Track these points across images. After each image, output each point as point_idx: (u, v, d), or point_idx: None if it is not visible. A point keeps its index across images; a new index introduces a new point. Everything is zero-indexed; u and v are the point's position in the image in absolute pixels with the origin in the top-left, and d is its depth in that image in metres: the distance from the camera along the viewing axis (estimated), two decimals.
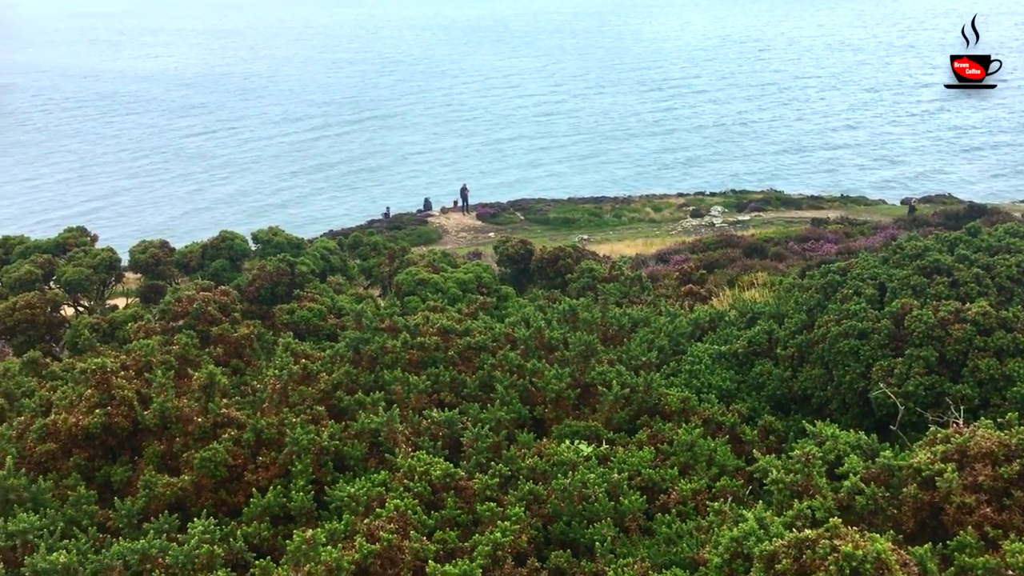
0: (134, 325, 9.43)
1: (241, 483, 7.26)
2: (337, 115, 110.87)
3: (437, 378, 8.54)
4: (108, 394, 7.82)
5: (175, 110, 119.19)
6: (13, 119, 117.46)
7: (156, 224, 63.66)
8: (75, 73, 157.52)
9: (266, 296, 11.37)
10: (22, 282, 11.50)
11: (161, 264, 12.55)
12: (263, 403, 8.00)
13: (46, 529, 6.59)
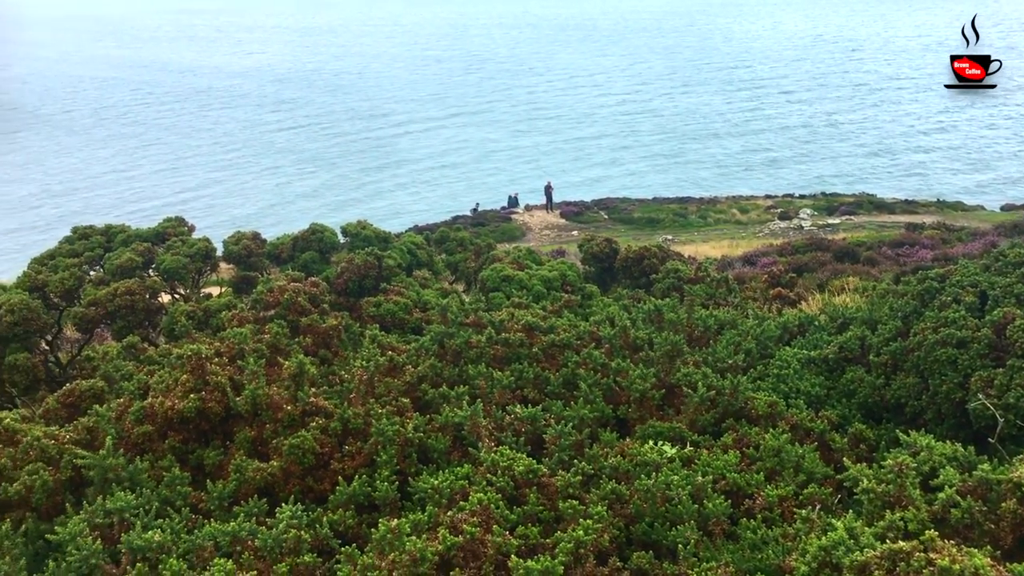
0: (228, 314, 9.70)
1: (327, 471, 7.40)
2: (422, 111, 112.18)
3: (521, 374, 8.56)
4: (203, 380, 8.05)
5: (266, 105, 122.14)
6: (115, 111, 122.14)
7: (243, 215, 65.26)
8: (174, 68, 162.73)
9: (353, 288, 11.55)
10: (123, 269, 11.93)
11: (253, 255, 12.86)
12: (350, 393, 8.13)
13: (142, 508, 6.83)
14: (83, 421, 8.12)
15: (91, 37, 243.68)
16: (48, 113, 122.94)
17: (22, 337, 11.00)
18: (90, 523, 6.63)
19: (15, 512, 7.14)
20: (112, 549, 6.40)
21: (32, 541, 6.88)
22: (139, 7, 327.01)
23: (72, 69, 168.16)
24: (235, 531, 6.27)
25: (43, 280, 11.82)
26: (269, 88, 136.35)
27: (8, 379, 10.73)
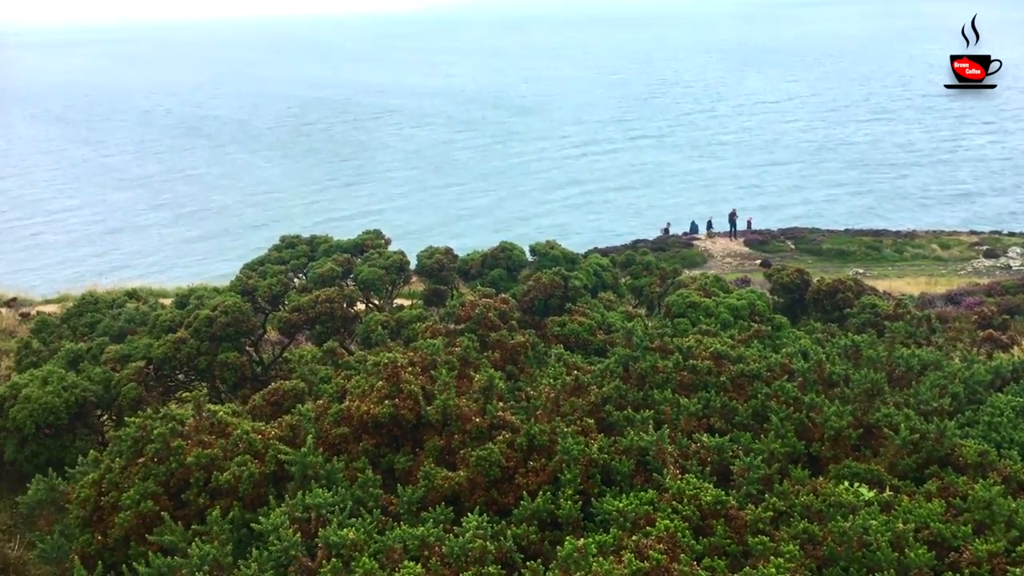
0: (421, 325, 10.04)
1: (512, 485, 7.51)
2: (602, 134, 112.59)
3: (708, 402, 8.40)
4: (397, 387, 8.37)
5: (453, 124, 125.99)
6: (315, 127, 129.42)
7: (420, 227, 67.20)
8: (371, 88, 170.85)
9: (539, 307, 11.69)
10: (324, 278, 12.59)
11: (444, 269, 13.27)
12: (536, 410, 8.22)
13: (337, 506, 7.16)
14: (287, 419, 8.62)
15: (298, 58, 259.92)
16: (253, 128, 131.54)
17: (233, 337, 11.79)
18: (290, 516, 7.02)
19: (224, 500, 7.65)
20: (309, 543, 6.74)
21: (237, 528, 7.34)
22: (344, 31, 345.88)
23: (278, 88, 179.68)
24: (424, 536, 6.47)
25: (253, 285, 12.64)
26: (457, 108, 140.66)
27: (219, 375, 11.51)
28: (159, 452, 8.02)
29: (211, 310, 11.85)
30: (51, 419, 10.96)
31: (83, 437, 11.26)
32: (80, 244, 73.36)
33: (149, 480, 7.82)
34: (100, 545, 7.67)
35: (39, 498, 8.80)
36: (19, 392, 11.19)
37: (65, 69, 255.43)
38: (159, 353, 11.71)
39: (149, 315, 12.98)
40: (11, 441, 11.00)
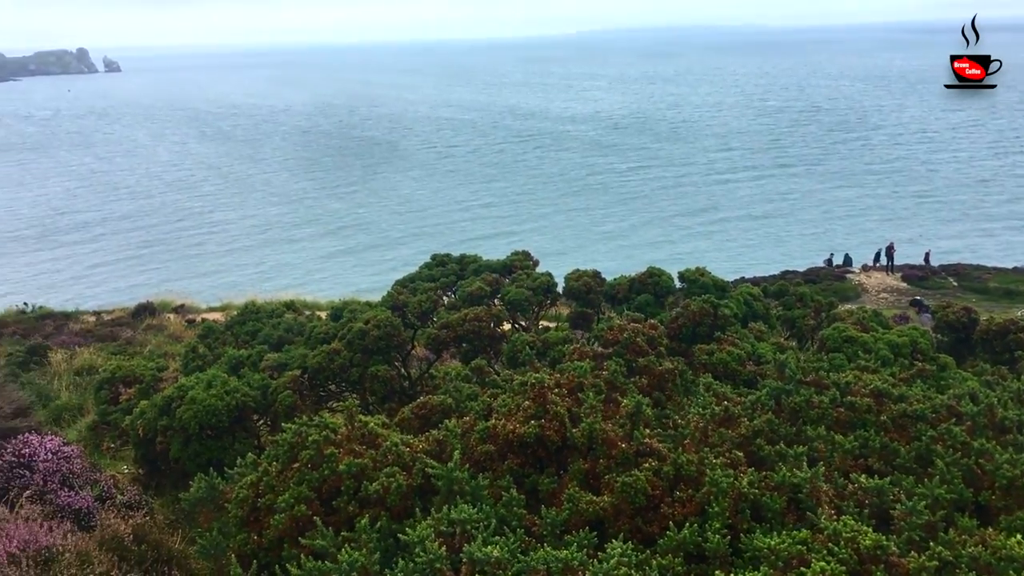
0: (569, 347, 10.04)
1: (657, 514, 7.38)
2: (748, 160, 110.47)
3: (866, 442, 8.03)
4: (543, 408, 8.38)
5: (596, 148, 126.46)
6: (463, 149, 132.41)
7: (556, 249, 67.26)
8: (520, 113, 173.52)
9: (687, 335, 11.50)
10: (473, 297, 12.78)
11: (591, 292, 13.25)
12: (684, 439, 8.07)
13: (482, 523, 7.21)
14: (434, 434, 8.76)
15: (448, 82, 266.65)
16: (405, 148, 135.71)
17: (383, 351, 12.11)
18: (436, 529, 7.11)
19: (373, 509, 7.83)
20: (454, 557, 6.81)
21: (385, 538, 7.49)
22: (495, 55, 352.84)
23: (431, 111, 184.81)
24: (567, 559, 6.42)
25: (404, 301, 12.96)
26: (601, 133, 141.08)
27: (369, 387, 11.84)
28: (313, 459, 8.29)
29: (364, 323, 12.21)
30: (213, 421, 11.54)
31: (241, 440, 11.79)
32: (236, 254, 77.30)
33: (303, 485, 8.09)
34: (256, 545, 7.98)
35: (200, 496, 9.26)
36: (185, 393, 11.83)
37: (233, 90, 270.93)
38: (314, 363, 12.15)
39: (305, 326, 13.52)
40: (176, 440, 11.63)
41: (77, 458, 10.87)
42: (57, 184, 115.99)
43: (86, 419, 16.80)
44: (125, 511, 9.23)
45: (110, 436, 14.95)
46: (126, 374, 15.20)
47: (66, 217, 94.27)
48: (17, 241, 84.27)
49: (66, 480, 10.31)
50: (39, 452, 10.46)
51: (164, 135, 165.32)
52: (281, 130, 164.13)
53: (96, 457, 13.69)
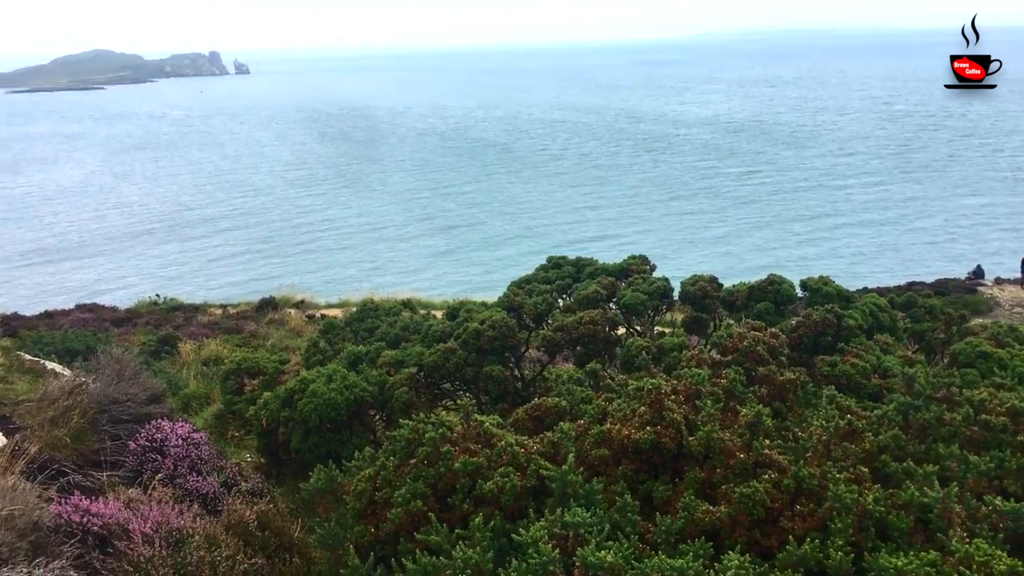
0: (686, 353, 9.91)
1: (776, 527, 7.21)
2: (868, 166, 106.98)
3: (1001, 463, 7.65)
4: (659, 414, 8.30)
5: (708, 152, 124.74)
6: (576, 151, 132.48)
7: (660, 253, 66.59)
8: (636, 115, 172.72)
9: (808, 345, 11.19)
10: (589, 299, 12.76)
11: (708, 298, 13.04)
12: (806, 452, 7.86)
13: (595, 527, 7.20)
14: (548, 436, 8.78)
15: (564, 85, 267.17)
16: (518, 150, 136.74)
17: (498, 351, 12.21)
18: (549, 531, 7.14)
19: (487, 508, 7.91)
20: (567, 560, 6.81)
21: (498, 537, 7.56)
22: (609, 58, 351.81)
23: (544, 114, 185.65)
24: (683, 568, 6.34)
25: (519, 302, 13.04)
26: (715, 136, 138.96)
27: (484, 387, 11.95)
28: (429, 455, 8.42)
29: (479, 324, 12.34)
30: (333, 414, 11.85)
31: (359, 433, 12.08)
32: (350, 250, 79.46)
33: (419, 481, 8.23)
34: (373, 537, 8.17)
35: (319, 487, 9.53)
36: (307, 387, 12.20)
37: (354, 92, 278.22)
38: (430, 361, 12.34)
39: (422, 325, 13.76)
40: (297, 431, 12.00)
41: (205, 445, 11.31)
42: (187, 181, 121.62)
43: (212, 408, 17.54)
44: (249, 498, 9.57)
45: (234, 425, 15.56)
46: (251, 366, 15.81)
47: (193, 212, 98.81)
48: (149, 234, 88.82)
49: (194, 466, 10.76)
50: (170, 438, 10.94)
51: (287, 135, 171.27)
52: (398, 131, 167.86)
53: (221, 444, 14.24)
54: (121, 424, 11.37)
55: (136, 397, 11.71)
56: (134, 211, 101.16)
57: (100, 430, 11.22)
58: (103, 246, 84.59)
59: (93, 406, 11.26)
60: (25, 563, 6.73)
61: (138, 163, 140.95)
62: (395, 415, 12.03)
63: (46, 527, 7.53)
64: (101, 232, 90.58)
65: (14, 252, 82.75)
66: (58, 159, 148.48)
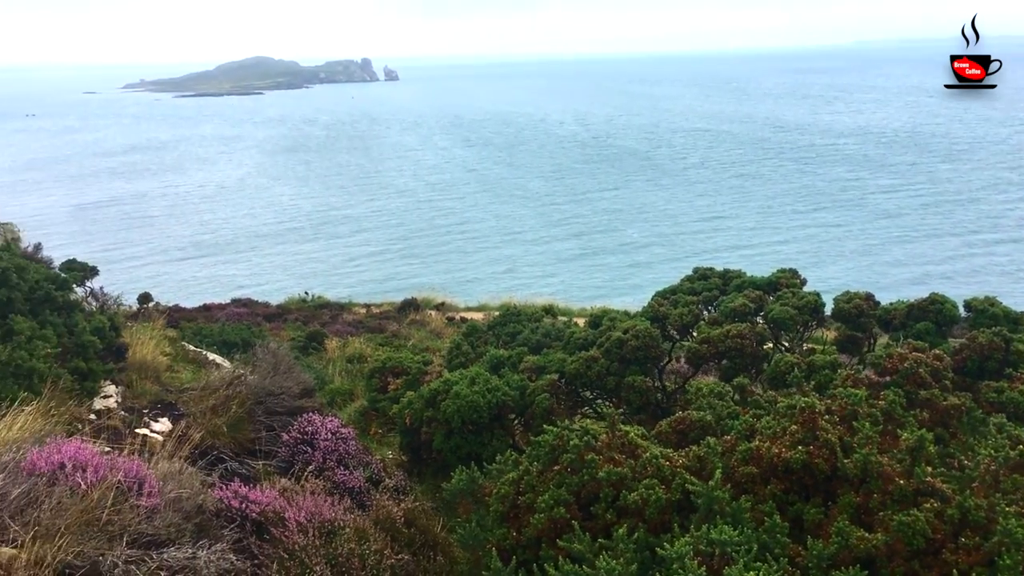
0: (842, 372, 9.57)
1: (937, 559, 6.85)
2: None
3: None
4: (812, 434, 8.02)
5: (865, 165, 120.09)
6: (718, 162, 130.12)
7: (798, 265, 64.49)
8: (782, 125, 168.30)
9: (972, 369, 10.60)
10: (736, 313, 12.50)
11: (863, 316, 12.54)
12: (972, 482, 7.44)
13: (743, 546, 7.02)
14: (694, 450, 8.62)
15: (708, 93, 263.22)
16: (658, 158, 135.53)
17: (641, 361, 12.10)
18: (695, 548, 7.00)
19: (630, 519, 7.83)
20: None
21: (641, 550, 7.47)
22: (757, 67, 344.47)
23: (687, 122, 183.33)
24: None
25: (664, 313, 12.89)
26: (873, 149, 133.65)
27: (625, 396, 11.87)
28: (573, 463, 8.42)
29: (623, 333, 12.26)
30: (474, 416, 12.02)
31: (499, 437, 12.20)
32: (487, 252, 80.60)
33: (562, 488, 8.24)
34: (515, 541, 8.22)
35: (460, 487, 9.68)
36: (450, 388, 12.41)
37: (498, 99, 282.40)
38: (571, 369, 12.35)
39: (564, 331, 13.80)
40: (440, 432, 12.23)
41: (352, 440, 11.65)
42: (333, 182, 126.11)
43: (355, 404, 18.11)
44: (395, 495, 9.81)
45: (377, 422, 16.00)
46: (395, 365, 16.22)
47: (338, 212, 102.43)
48: (295, 232, 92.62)
49: (342, 460, 11.10)
50: (320, 431, 11.32)
51: (431, 140, 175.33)
52: (539, 138, 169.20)
53: (364, 440, 14.66)
54: (275, 416, 11.86)
55: (290, 391, 12.20)
56: (284, 210, 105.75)
57: (255, 420, 11.74)
58: (253, 242, 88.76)
59: (250, 397, 11.80)
60: (190, 544, 7.07)
61: (290, 164, 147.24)
62: (535, 420, 12.10)
63: (209, 511, 7.90)
64: (252, 229, 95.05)
65: (172, 246, 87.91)
66: (218, 160, 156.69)
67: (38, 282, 11.18)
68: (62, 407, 9.87)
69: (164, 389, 12.44)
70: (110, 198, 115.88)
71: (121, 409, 11.32)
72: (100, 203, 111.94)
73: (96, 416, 10.76)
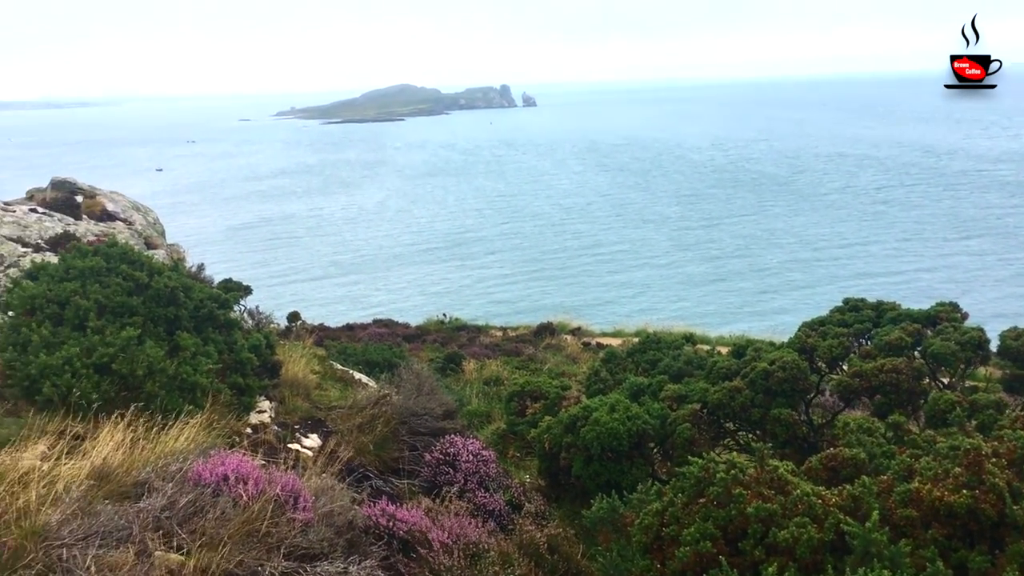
0: (1009, 413, 9.04)
1: None
2: None
3: None
4: (978, 477, 7.60)
5: (1017, 191, 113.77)
6: (859, 188, 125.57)
7: (934, 293, 61.18)
8: (934, 150, 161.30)
9: None
10: (891, 346, 12.00)
11: None
12: None
13: None
14: (848, 489, 8.30)
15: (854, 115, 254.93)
16: (799, 184, 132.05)
17: (788, 394, 11.76)
18: None
19: (780, 558, 7.59)
20: None
21: None
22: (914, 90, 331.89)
23: (832, 147, 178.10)
24: None
25: (812, 344, 12.51)
26: None
27: (770, 430, 11.56)
28: (720, 496, 8.24)
29: (768, 364, 11.96)
30: (614, 444, 11.94)
31: (639, 465, 12.08)
32: (618, 275, 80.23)
33: (709, 521, 8.07)
34: (658, 573, 8.11)
35: (600, 516, 9.62)
36: (590, 414, 12.39)
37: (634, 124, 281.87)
38: (714, 398, 12.12)
39: (706, 360, 13.56)
40: (579, 458, 12.20)
41: (492, 462, 11.76)
42: (469, 205, 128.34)
43: (492, 426, 18.27)
44: (536, 519, 9.84)
45: (515, 445, 16.10)
46: (533, 389, 16.30)
47: (472, 234, 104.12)
48: (429, 252, 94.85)
49: (483, 482, 11.22)
50: (462, 453, 11.48)
51: (566, 164, 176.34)
52: (675, 163, 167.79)
53: (502, 463, 14.78)
54: (418, 436, 12.11)
55: (433, 411, 12.43)
56: (420, 231, 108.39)
57: (399, 440, 12.01)
58: (389, 263, 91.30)
59: (395, 417, 12.09)
60: (341, 559, 7.28)
61: (428, 188, 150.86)
62: (676, 450, 11.93)
63: (358, 527, 8.12)
64: (389, 250, 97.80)
65: (313, 265, 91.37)
66: (361, 183, 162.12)
67: (202, 301, 11.79)
68: (222, 421, 10.34)
69: (314, 406, 12.88)
70: (259, 219, 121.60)
71: (274, 424, 11.79)
72: (250, 224, 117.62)
73: (252, 430, 11.25)
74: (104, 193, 18.08)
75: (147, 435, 8.46)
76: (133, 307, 10.49)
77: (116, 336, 9.64)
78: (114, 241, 12.55)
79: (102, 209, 17.11)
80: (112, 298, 10.43)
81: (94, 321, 9.96)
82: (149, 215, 18.36)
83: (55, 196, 17.06)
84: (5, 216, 14.78)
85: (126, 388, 9.61)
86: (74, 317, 10.05)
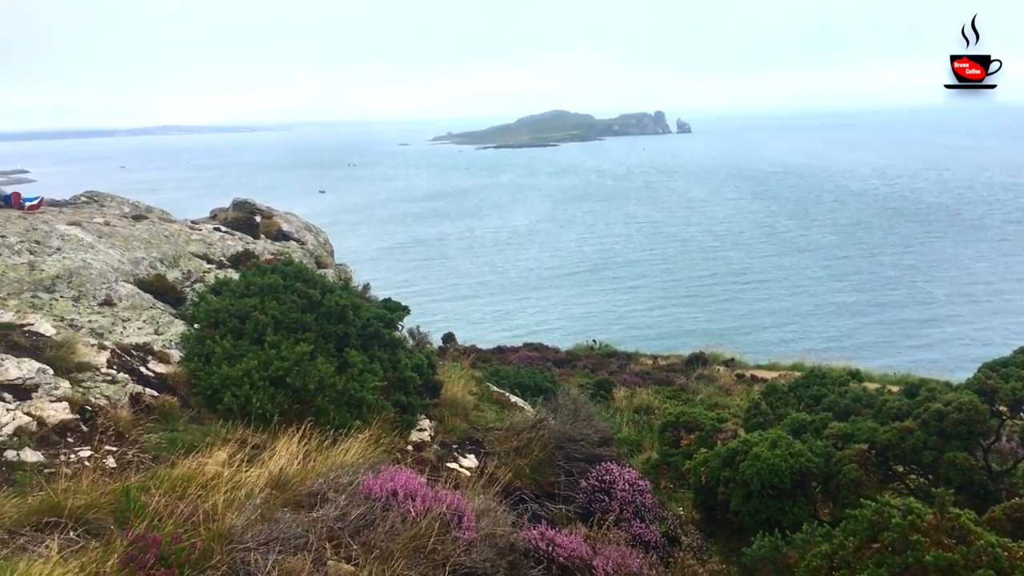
0: None
1: None
2: None
3: None
4: None
5: None
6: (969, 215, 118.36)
7: None
8: None
9: None
10: None
11: None
12: None
13: None
14: None
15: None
16: (970, 216, 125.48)
17: (964, 437, 11.13)
18: None
19: None
20: None
21: None
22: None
23: (1009, 177, 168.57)
24: None
25: (992, 386, 11.79)
26: None
27: (944, 475, 10.97)
28: (895, 542, 7.87)
29: (943, 405, 11.35)
30: (775, 480, 11.59)
31: (800, 504, 11.67)
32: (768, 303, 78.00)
33: (883, 568, 7.72)
34: None
35: (762, 554, 9.36)
36: (749, 449, 12.07)
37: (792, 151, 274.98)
38: (883, 439, 11.60)
39: (875, 399, 12.98)
40: (737, 493, 11.90)
41: (648, 493, 11.64)
42: (618, 230, 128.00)
43: (643, 455, 18.06)
44: (696, 554, 9.66)
45: (668, 476, 15.86)
46: (688, 420, 16.04)
47: (619, 259, 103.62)
48: (574, 275, 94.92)
49: (638, 512, 11.10)
50: (618, 481, 11.40)
51: (721, 192, 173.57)
52: (835, 192, 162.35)
53: (655, 494, 14.59)
54: (573, 462, 12.11)
55: (589, 438, 12.41)
56: (568, 255, 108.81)
57: (555, 465, 12.04)
58: (535, 284, 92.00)
59: (551, 441, 12.14)
60: None
61: (578, 212, 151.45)
62: (841, 491, 11.47)
63: (519, 550, 8.19)
64: (536, 272, 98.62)
65: (461, 284, 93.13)
66: (513, 207, 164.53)
67: (369, 319, 12.21)
68: (386, 437, 10.66)
69: (471, 427, 13.09)
70: (413, 240, 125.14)
71: (434, 443, 12.06)
72: (404, 244, 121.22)
73: (413, 448, 11.54)
74: (279, 214, 19.03)
75: (319, 448, 8.80)
76: (306, 323, 10.96)
77: (291, 351, 10.09)
78: (290, 260, 13.20)
79: (278, 229, 18.01)
80: (288, 314, 10.93)
81: (271, 336, 10.47)
82: (320, 235, 19.20)
83: (236, 216, 18.09)
84: (193, 234, 15.80)
85: (298, 401, 10.04)
86: (253, 331, 10.59)
